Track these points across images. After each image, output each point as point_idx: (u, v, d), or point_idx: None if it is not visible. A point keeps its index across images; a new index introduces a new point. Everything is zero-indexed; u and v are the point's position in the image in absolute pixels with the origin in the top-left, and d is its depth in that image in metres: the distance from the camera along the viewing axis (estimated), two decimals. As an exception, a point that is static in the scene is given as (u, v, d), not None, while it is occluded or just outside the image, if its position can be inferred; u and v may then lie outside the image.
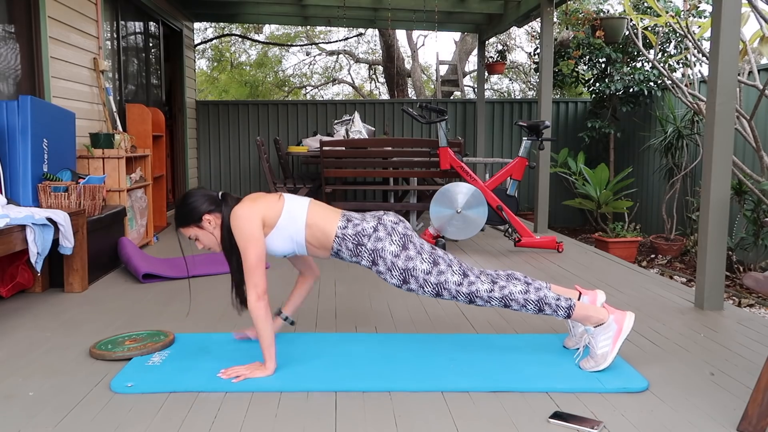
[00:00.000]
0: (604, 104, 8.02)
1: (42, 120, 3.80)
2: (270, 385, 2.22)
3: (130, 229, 4.68)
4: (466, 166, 4.92)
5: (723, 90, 3.17)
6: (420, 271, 2.35)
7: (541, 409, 2.06)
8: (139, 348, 2.53)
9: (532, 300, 2.35)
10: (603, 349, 2.33)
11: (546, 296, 2.36)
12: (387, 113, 8.80)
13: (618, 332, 2.33)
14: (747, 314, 3.23)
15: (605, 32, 7.28)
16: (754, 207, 5.15)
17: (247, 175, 8.76)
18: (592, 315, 2.37)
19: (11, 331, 2.86)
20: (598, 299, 2.54)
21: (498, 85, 17.58)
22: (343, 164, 5.61)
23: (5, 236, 2.93)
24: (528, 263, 4.52)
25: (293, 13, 7.80)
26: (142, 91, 6.57)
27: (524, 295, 2.35)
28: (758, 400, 1.88)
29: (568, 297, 2.41)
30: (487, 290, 2.35)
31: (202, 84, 18.00)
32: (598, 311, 2.38)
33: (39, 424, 1.93)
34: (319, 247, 2.43)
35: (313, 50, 17.05)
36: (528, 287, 2.38)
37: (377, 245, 2.36)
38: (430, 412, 2.03)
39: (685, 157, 6.73)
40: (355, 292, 3.65)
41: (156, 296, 3.53)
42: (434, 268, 2.36)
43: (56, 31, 4.49)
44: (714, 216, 3.22)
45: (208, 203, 2.38)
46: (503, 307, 2.37)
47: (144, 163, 5.28)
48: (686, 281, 5.45)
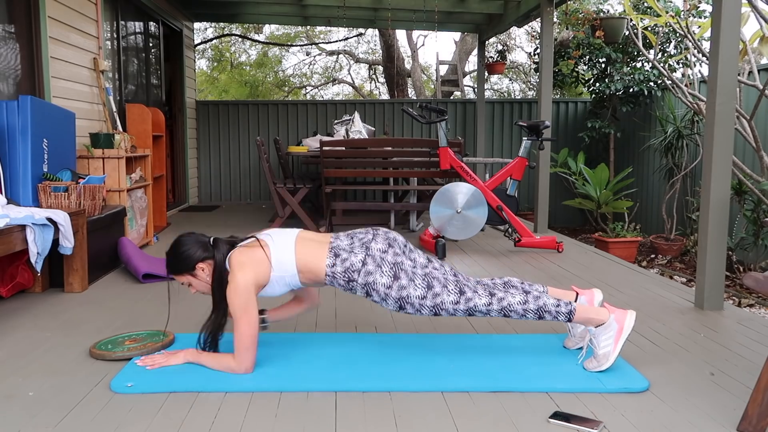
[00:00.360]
0: (604, 104, 8.02)
1: (42, 120, 3.80)
2: (270, 385, 2.22)
3: (130, 229, 4.68)
4: (466, 166, 4.92)
5: (723, 90, 3.16)
6: (415, 297, 2.33)
7: (541, 409, 2.06)
8: (139, 348, 2.53)
9: (531, 309, 2.34)
10: (605, 349, 2.33)
11: (545, 304, 2.35)
12: (387, 113, 8.80)
13: (619, 331, 2.33)
14: (747, 314, 3.23)
15: (605, 32, 7.28)
16: (754, 207, 5.15)
17: (247, 175, 8.76)
18: (593, 317, 2.36)
19: (11, 331, 2.86)
20: (595, 298, 2.54)
21: (498, 85, 17.59)
22: (343, 164, 5.61)
23: (5, 236, 2.93)
24: (528, 263, 4.52)
25: (293, 13, 7.81)
26: (142, 91, 6.57)
27: (523, 305, 2.34)
28: (758, 400, 1.88)
29: (568, 301, 2.40)
30: (485, 304, 2.34)
31: (202, 84, 18.00)
32: (598, 312, 2.37)
33: (39, 424, 1.93)
34: (315, 283, 2.43)
35: (313, 50, 17.05)
36: (527, 296, 2.36)
37: (368, 279, 2.33)
38: (430, 412, 2.03)
39: (685, 157, 6.73)
40: (355, 292, 3.64)
41: (156, 296, 3.53)
42: (429, 292, 2.34)
43: (56, 31, 4.49)
44: (714, 216, 3.22)
45: (201, 251, 2.36)
46: (503, 317, 2.37)
47: (144, 163, 5.28)
48: (686, 281, 5.45)
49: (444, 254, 4.66)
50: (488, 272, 4.20)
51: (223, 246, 2.37)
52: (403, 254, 2.41)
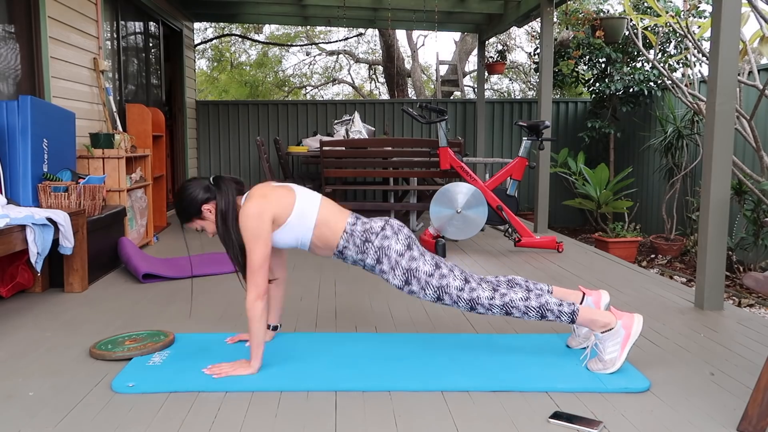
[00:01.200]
0: (604, 104, 8.02)
1: (42, 120, 3.80)
2: (270, 385, 2.22)
3: (130, 229, 4.68)
4: (466, 166, 4.92)
5: (723, 90, 3.16)
6: (422, 272, 2.36)
7: (541, 409, 2.06)
8: (139, 348, 2.53)
9: (533, 307, 2.33)
10: (611, 355, 2.30)
11: (548, 302, 2.34)
12: (387, 113, 8.80)
13: (627, 337, 2.29)
14: (747, 314, 3.23)
15: (605, 32, 7.28)
16: (754, 207, 5.15)
17: (247, 175, 8.76)
18: (598, 319, 2.32)
19: (11, 331, 2.86)
20: (602, 300, 2.53)
21: (498, 85, 17.58)
22: (343, 164, 5.61)
23: (5, 236, 2.93)
24: (528, 263, 4.52)
25: (293, 13, 7.80)
26: (142, 91, 6.57)
27: (525, 302, 2.34)
28: (758, 400, 1.88)
29: (571, 302, 2.38)
30: (488, 297, 2.35)
31: (202, 84, 18.00)
32: (604, 315, 2.33)
33: (39, 424, 1.93)
34: (323, 247, 2.43)
35: (313, 50, 17.05)
36: (528, 294, 2.36)
37: (384, 243, 2.38)
38: (430, 411, 2.03)
39: (685, 157, 6.73)
40: (355, 292, 3.65)
41: (156, 296, 3.53)
42: (437, 271, 2.37)
43: (56, 31, 4.49)
44: (714, 216, 3.22)
45: (203, 192, 2.37)
46: (505, 314, 2.36)
47: (144, 163, 5.28)
48: (686, 281, 5.45)
49: (444, 254, 4.66)
50: (488, 272, 4.20)
51: (225, 184, 2.37)
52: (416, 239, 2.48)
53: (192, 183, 2.40)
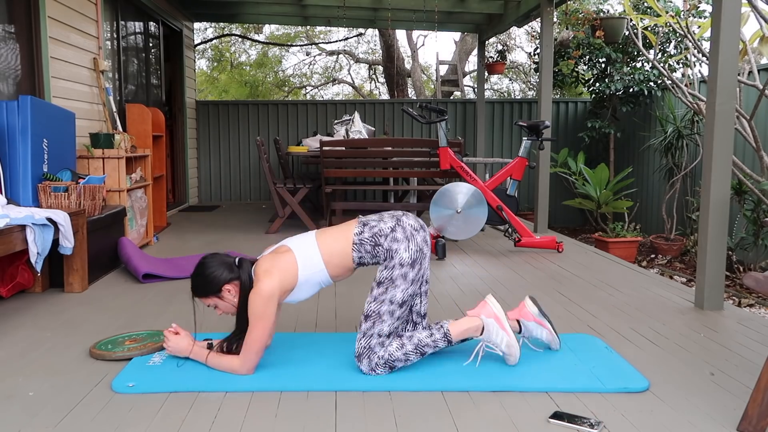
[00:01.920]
0: (604, 104, 8.03)
1: (42, 120, 3.80)
2: (270, 385, 2.22)
3: (130, 229, 4.68)
4: (466, 166, 4.92)
5: (723, 90, 3.16)
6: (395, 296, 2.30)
7: (541, 409, 2.06)
8: (139, 348, 2.53)
9: (410, 351, 2.32)
10: (503, 342, 2.37)
11: (420, 340, 2.33)
12: (387, 113, 8.80)
13: (498, 320, 2.39)
14: (747, 314, 3.23)
15: (605, 32, 7.28)
16: (754, 207, 5.15)
17: (247, 175, 8.76)
18: (469, 327, 2.39)
19: (11, 331, 2.86)
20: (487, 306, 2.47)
21: (498, 85, 17.59)
22: (343, 164, 5.61)
23: (5, 236, 2.93)
24: (528, 263, 4.52)
25: (293, 13, 7.81)
26: (142, 91, 6.57)
27: (401, 349, 2.31)
28: (758, 400, 1.88)
29: (439, 326, 2.38)
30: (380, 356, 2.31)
31: (202, 84, 18.00)
32: (471, 321, 2.40)
33: (39, 424, 1.93)
34: (343, 271, 2.38)
35: (313, 50, 17.06)
36: (401, 340, 2.33)
37: (392, 246, 2.31)
38: (430, 412, 2.03)
39: (685, 157, 6.73)
40: (355, 292, 3.65)
41: (156, 296, 3.53)
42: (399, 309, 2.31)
43: (56, 31, 4.49)
44: (714, 216, 3.22)
45: (227, 272, 2.31)
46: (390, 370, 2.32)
47: (144, 163, 5.28)
48: (686, 281, 5.45)
49: (444, 254, 4.66)
50: (488, 272, 4.20)
51: (248, 266, 2.34)
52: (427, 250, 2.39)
53: (215, 261, 2.34)
